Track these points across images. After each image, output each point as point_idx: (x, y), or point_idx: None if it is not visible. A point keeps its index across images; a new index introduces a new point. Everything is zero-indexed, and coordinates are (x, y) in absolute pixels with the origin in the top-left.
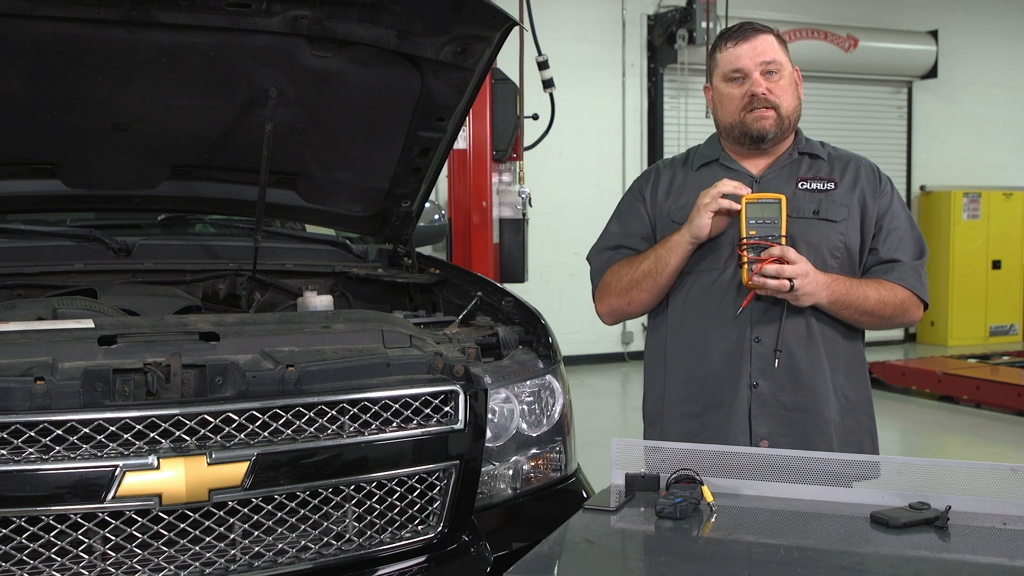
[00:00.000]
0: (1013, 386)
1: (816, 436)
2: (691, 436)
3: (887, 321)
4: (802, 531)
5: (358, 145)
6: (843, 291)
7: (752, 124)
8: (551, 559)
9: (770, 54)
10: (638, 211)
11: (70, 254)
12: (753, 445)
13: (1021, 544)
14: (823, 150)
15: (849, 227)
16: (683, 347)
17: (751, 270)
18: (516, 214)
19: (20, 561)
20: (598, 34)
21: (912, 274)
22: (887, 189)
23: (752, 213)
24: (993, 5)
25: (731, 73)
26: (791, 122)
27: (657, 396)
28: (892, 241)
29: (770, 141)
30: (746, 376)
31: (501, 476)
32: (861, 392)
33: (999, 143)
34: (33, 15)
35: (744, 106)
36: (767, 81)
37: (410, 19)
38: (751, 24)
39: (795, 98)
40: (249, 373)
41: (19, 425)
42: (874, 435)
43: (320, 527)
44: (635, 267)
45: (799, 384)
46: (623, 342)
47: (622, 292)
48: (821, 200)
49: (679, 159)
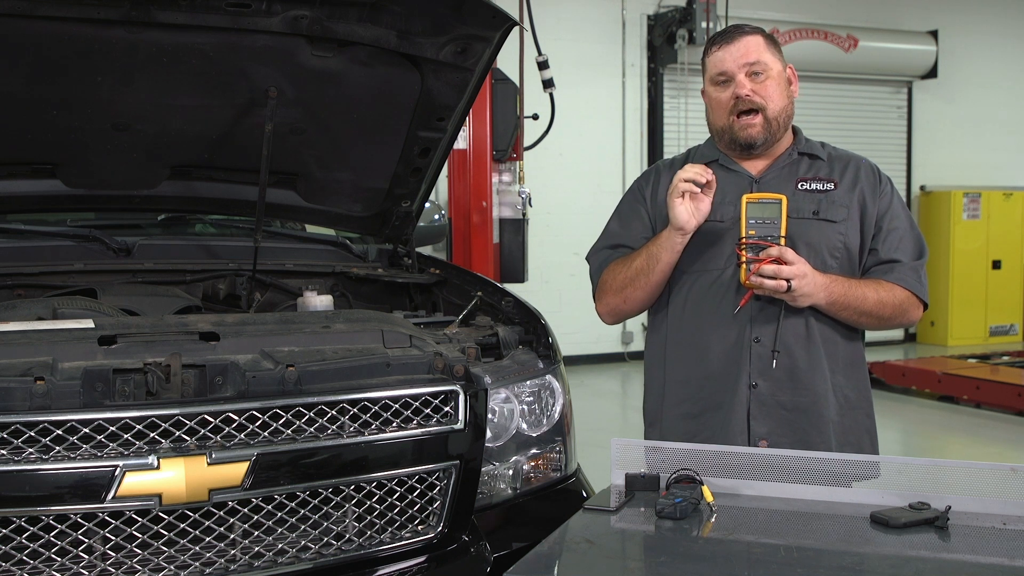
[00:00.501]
0: (1013, 386)
1: (815, 436)
2: (690, 436)
3: (886, 322)
4: (802, 531)
5: (358, 145)
6: (842, 292)
7: (739, 132)
8: (551, 559)
9: (753, 55)
10: (638, 211)
11: (70, 254)
12: (752, 445)
13: (1021, 544)
14: (823, 150)
15: (849, 227)
16: (683, 347)
17: (749, 269)
18: (516, 214)
19: (20, 561)
20: (598, 34)
21: (911, 274)
22: (887, 189)
23: (752, 213)
24: (993, 5)
25: (717, 76)
26: (780, 123)
27: (657, 396)
28: (892, 241)
29: (760, 147)
30: (745, 376)
31: (501, 476)
32: (860, 392)
33: (999, 143)
34: (33, 15)
35: (731, 109)
36: (752, 82)
37: (410, 19)
38: (738, 27)
39: (784, 98)
40: (249, 373)
41: (19, 425)
42: (873, 435)
43: (320, 527)
44: (629, 265)
45: (798, 384)
46: (623, 342)
47: (618, 290)
48: (821, 200)
49: (679, 159)
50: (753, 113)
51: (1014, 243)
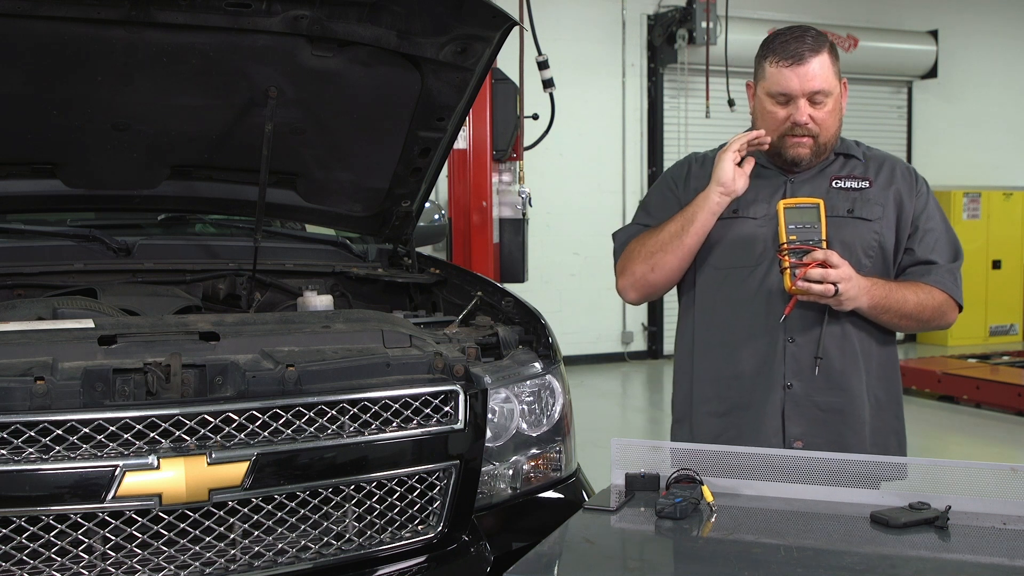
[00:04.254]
0: (1013, 386)
1: (850, 437)
2: (717, 435)
3: (925, 324)
4: (802, 531)
5: (358, 145)
6: (883, 295)
7: (788, 150)
8: (551, 559)
9: (819, 82)
10: (669, 198)
11: (70, 254)
12: (786, 446)
13: (1021, 544)
14: (858, 149)
15: (884, 226)
16: (713, 345)
17: (794, 275)
18: (516, 214)
19: (20, 561)
20: (598, 34)
21: (948, 277)
22: (923, 190)
23: (791, 218)
24: (993, 5)
25: (777, 94)
26: (829, 147)
27: (685, 393)
28: (928, 242)
29: (804, 167)
30: (780, 376)
31: (501, 476)
32: (891, 394)
33: (999, 143)
34: (33, 15)
35: (785, 130)
36: (812, 108)
37: (410, 19)
38: (808, 43)
39: (837, 122)
40: (249, 373)
41: (19, 425)
42: (902, 436)
43: (320, 527)
44: (661, 229)
45: (833, 385)
46: (623, 342)
47: (647, 257)
48: (855, 199)
49: (711, 155)
50: (806, 136)
51: (1014, 243)
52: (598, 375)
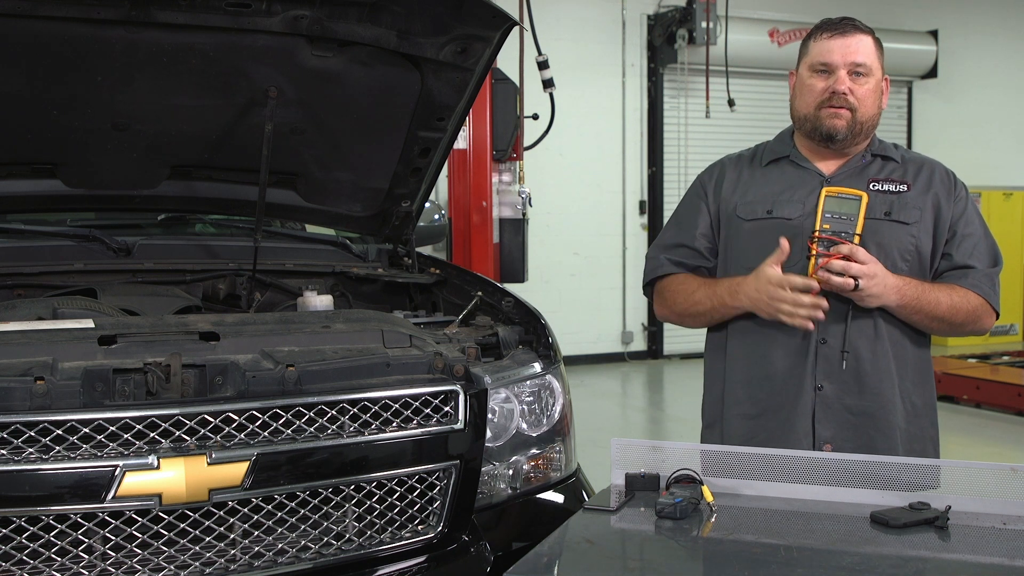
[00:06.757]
0: (1013, 386)
1: (881, 442)
2: (748, 437)
3: (958, 328)
4: (802, 531)
5: (358, 145)
6: (915, 295)
7: (824, 120)
8: (551, 559)
9: (862, 55)
10: (698, 207)
11: (70, 254)
12: (816, 448)
13: (1021, 544)
14: (896, 152)
15: (921, 230)
16: (746, 346)
17: (818, 263)
18: (516, 214)
19: (20, 561)
20: (598, 34)
21: (986, 281)
22: (962, 195)
23: (829, 207)
24: (993, 5)
25: (819, 64)
26: (865, 128)
27: (716, 396)
28: (967, 247)
29: (840, 142)
30: (810, 378)
31: (501, 476)
32: (927, 399)
33: (999, 143)
34: (33, 15)
35: (823, 102)
36: (852, 81)
37: (410, 19)
38: (852, 21)
39: (875, 106)
40: (249, 373)
41: (19, 425)
42: (937, 444)
43: (320, 527)
44: (692, 295)
45: (864, 388)
46: (623, 342)
47: (679, 314)
48: (893, 202)
49: (746, 155)
50: (843, 108)
51: (1014, 243)
52: (598, 375)
